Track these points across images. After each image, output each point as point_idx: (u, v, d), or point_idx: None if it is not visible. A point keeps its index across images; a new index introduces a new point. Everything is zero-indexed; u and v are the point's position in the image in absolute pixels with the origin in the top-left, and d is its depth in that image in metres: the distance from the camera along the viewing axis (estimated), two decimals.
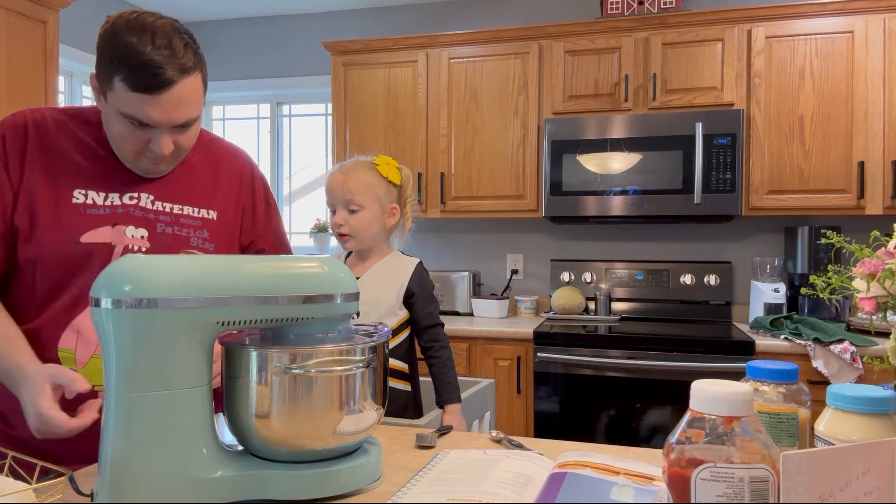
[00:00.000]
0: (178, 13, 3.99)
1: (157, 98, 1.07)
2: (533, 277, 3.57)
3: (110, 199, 1.19)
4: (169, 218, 1.23)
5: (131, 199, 1.20)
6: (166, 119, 1.10)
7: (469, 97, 3.28)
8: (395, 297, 1.67)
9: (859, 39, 2.81)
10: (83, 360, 1.14)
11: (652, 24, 3.03)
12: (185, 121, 1.13)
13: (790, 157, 2.88)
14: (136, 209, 1.20)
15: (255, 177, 1.41)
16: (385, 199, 1.69)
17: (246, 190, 1.37)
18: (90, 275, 1.13)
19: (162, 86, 1.06)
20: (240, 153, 1.41)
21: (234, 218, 1.34)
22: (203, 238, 1.27)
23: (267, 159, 4.16)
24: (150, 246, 1.20)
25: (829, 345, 2.52)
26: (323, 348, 0.87)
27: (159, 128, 1.11)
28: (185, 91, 1.10)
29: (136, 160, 1.18)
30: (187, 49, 1.09)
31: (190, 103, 1.12)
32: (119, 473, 0.81)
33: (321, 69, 3.87)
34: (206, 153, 1.33)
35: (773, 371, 0.87)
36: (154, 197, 1.23)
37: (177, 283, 0.81)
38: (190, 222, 1.26)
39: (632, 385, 2.69)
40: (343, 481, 0.88)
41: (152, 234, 1.21)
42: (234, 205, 1.34)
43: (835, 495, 0.62)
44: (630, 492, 0.86)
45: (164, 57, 1.06)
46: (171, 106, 1.09)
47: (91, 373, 1.14)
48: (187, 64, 1.09)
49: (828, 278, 0.85)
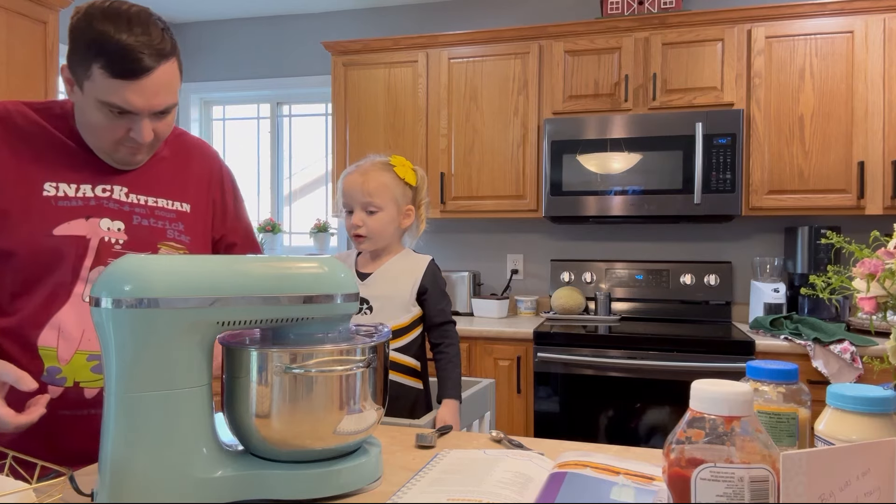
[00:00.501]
0: (178, 13, 3.99)
1: (138, 84, 1.07)
2: (533, 277, 3.57)
3: (82, 190, 1.17)
4: (144, 210, 1.22)
5: (104, 191, 1.19)
6: (147, 105, 1.10)
7: (469, 97, 3.28)
8: (409, 293, 1.67)
9: (859, 39, 2.81)
10: (66, 358, 1.12)
11: (652, 24, 3.03)
12: (166, 107, 1.13)
13: (790, 157, 2.88)
14: (110, 202, 1.19)
15: (224, 171, 1.41)
16: (402, 200, 1.70)
17: (215, 184, 1.37)
18: (66, 268, 1.13)
19: (143, 71, 1.06)
20: (207, 148, 1.41)
21: (205, 212, 1.33)
22: (179, 231, 1.26)
23: (267, 159, 4.16)
24: (127, 239, 1.18)
25: (829, 345, 2.52)
26: (323, 348, 0.87)
27: (140, 115, 1.11)
28: (164, 76, 1.09)
29: (115, 150, 1.16)
30: (164, 34, 1.09)
31: (169, 89, 1.12)
32: (119, 473, 0.81)
33: (321, 69, 3.87)
34: (175, 147, 1.32)
35: (773, 371, 0.87)
36: (128, 189, 1.22)
37: (177, 283, 0.81)
38: (165, 215, 1.25)
39: (632, 385, 2.69)
40: (343, 481, 0.88)
41: (129, 226, 1.19)
42: (205, 199, 1.34)
43: (835, 495, 0.62)
44: (630, 492, 0.86)
45: (142, 43, 1.05)
46: (151, 91, 1.09)
47: (75, 369, 1.13)
48: (165, 49, 1.09)
49: (828, 278, 0.85)
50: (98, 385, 1.15)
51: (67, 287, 1.13)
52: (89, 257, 1.14)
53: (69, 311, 1.13)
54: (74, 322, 1.13)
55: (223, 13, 4.00)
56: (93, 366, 1.14)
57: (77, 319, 1.13)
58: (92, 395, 1.14)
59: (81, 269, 1.14)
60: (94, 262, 1.15)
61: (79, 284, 1.14)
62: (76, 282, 1.13)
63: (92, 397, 1.15)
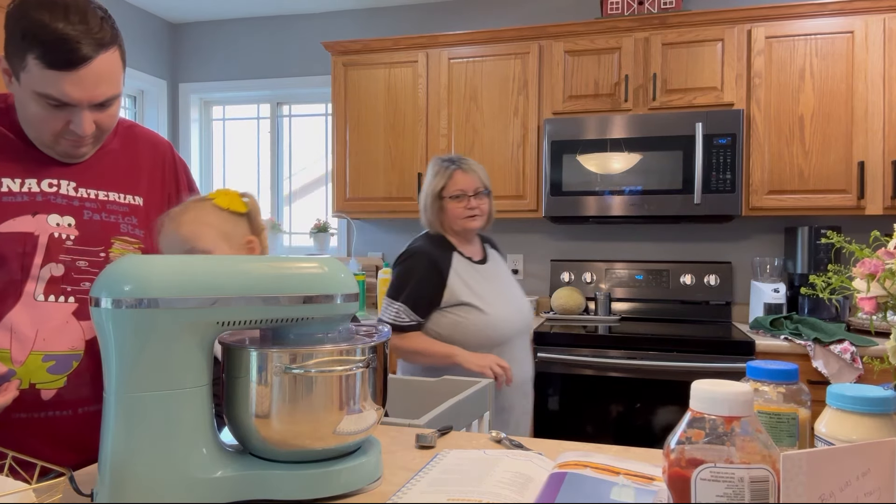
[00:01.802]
0: (178, 13, 3.99)
1: (75, 75, 1.03)
2: (533, 277, 3.56)
3: (27, 185, 1.13)
4: (95, 205, 1.19)
5: (51, 186, 1.15)
6: (86, 96, 1.06)
7: (469, 97, 3.28)
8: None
9: (859, 39, 2.81)
10: (20, 359, 1.09)
11: (652, 24, 3.03)
12: (105, 98, 1.09)
13: (790, 157, 2.88)
14: (58, 196, 1.15)
15: (178, 162, 1.37)
16: (234, 233, 1.30)
17: (169, 176, 1.34)
18: (13, 266, 1.09)
19: (79, 61, 1.03)
20: (159, 139, 1.37)
21: (160, 204, 1.29)
22: (132, 225, 1.23)
23: (267, 159, 4.16)
24: (78, 234, 1.15)
25: (829, 345, 2.52)
26: (323, 348, 0.87)
27: (79, 106, 1.07)
28: (103, 67, 1.06)
29: (55, 143, 1.13)
30: (103, 23, 1.05)
31: (109, 80, 1.08)
32: (119, 473, 0.81)
33: (321, 69, 3.87)
34: (125, 139, 1.29)
35: (773, 371, 0.87)
36: (76, 184, 1.18)
37: (177, 283, 0.81)
38: (117, 209, 1.22)
39: (632, 385, 2.69)
40: (343, 481, 0.88)
41: (80, 221, 1.16)
42: (159, 191, 1.31)
43: (835, 495, 0.62)
44: (630, 492, 0.86)
45: (79, 32, 1.02)
46: (90, 83, 1.05)
47: (30, 371, 1.09)
48: (104, 38, 1.05)
49: (828, 278, 0.85)
50: (55, 386, 1.11)
51: (18, 286, 1.09)
52: (39, 254, 1.11)
53: (21, 310, 1.09)
54: (27, 322, 1.09)
55: (223, 13, 4.00)
56: (49, 366, 1.10)
57: (30, 319, 1.10)
58: (49, 397, 1.11)
59: (32, 267, 1.10)
60: (45, 260, 1.11)
61: (30, 283, 1.10)
62: (27, 280, 1.10)
63: (49, 399, 1.11)
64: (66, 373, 1.12)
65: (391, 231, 3.79)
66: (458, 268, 2.07)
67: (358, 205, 3.46)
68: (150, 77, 3.99)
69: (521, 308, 2.13)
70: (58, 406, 1.12)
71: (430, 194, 2.11)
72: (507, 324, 2.05)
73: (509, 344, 2.05)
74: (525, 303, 2.18)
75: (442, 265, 2.05)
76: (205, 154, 4.25)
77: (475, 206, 2.09)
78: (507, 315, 2.06)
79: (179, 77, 4.17)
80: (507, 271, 2.24)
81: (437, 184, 2.10)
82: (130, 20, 3.84)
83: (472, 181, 2.09)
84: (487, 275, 2.12)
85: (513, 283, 2.21)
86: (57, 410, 1.12)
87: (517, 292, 2.18)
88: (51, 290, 1.12)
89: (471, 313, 2.01)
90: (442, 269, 2.04)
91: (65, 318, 1.12)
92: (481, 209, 2.11)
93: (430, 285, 2.02)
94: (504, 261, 2.27)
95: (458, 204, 2.08)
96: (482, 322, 2.01)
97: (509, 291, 2.14)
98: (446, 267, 2.05)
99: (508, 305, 2.09)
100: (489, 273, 2.13)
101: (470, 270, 2.09)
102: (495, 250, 2.28)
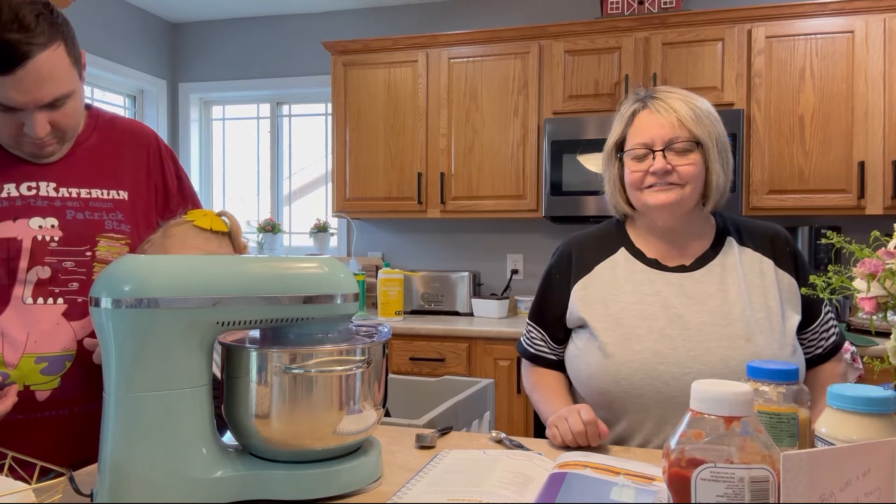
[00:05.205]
0: (178, 13, 3.99)
1: (13, 78, 1.00)
2: (533, 277, 3.56)
3: (6, 190, 1.12)
4: (78, 203, 1.17)
5: (30, 189, 1.13)
6: (30, 99, 1.03)
7: (469, 97, 3.28)
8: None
9: (859, 39, 2.81)
10: (13, 362, 1.09)
11: (652, 24, 3.03)
12: (54, 98, 1.05)
13: (790, 156, 2.88)
14: (38, 199, 1.13)
15: (163, 151, 1.33)
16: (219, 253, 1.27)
17: (155, 166, 1.31)
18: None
19: (15, 64, 0.99)
20: (143, 129, 1.34)
21: (147, 197, 1.28)
22: (118, 220, 1.21)
23: (267, 159, 4.16)
24: (62, 235, 1.13)
25: None
26: (323, 348, 0.87)
27: (27, 109, 1.04)
28: (44, 66, 1.02)
29: (18, 146, 1.11)
30: (40, 20, 1.01)
31: (54, 78, 1.04)
32: (119, 473, 0.81)
33: (321, 69, 3.87)
34: (105, 133, 1.26)
35: (773, 371, 0.87)
36: (56, 183, 1.16)
37: (177, 283, 0.81)
38: (101, 205, 1.20)
39: None
40: (343, 481, 0.88)
41: (63, 222, 1.14)
42: (144, 183, 1.28)
43: (835, 495, 0.62)
44: (630, 492, 0.86)
45: (12, 32, 0.98)
46: (31, 84, 1.01)
47: (24, 373, 1.09)
48: (40, 37, 1.00)
49: (828, 278, 0.85)
50: (50, 387, 1.11)
51: (5, 290, 1.09)
52: (24, 259, 1.10)
53: (11, 314, 1.09)
54: (18, 326, 1.09)
55: (223, 13, 4.00)
56: (43, 368, 1.10)
57: (21, 322, 1.09)
58: (44, 398, 1.11)
59: (18, 272, 1.10)
60: (31, 263, 1.11)
61: (17, 287, 1.10)
62: (14, 284, 1.10)
63: (44, 400, 1.11)
64: (59, 373, 1.12)
65: (391, 231, 3.79)
66: (604, 273, 1.35)
67: (358, 205, 3.46)
68: (150, 77, 3.99)
69: (706, 361, 1.20)
70: (53, 406, 1.12)
71: (605, 151, 1.40)
72: (645, 378, 1.23)
73: (644, 409, 1.25)
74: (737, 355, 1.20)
75: (574, 267, 1.39)
76: (204, 154, 4.25)
77: (662, 168, 1.25)
78: (655, 364, 1.22)
79: (179, 77, 4.17)
80: (760, 292, 1.28)
81: (614, 132, 1.37)
82: (130, 20, 3.84)
83: (663, 126, 1.26)
84: (681, 291, 1.28)
85: (750, 318, 1.23)
86: (53, 410, 1.12)
87: (740, 330, 1.22)
88: (39, 292, 1.11)
89: (590, 347, 1.30)
90: (570, 273, 1.38)
91: (55, 319, 1.12)
92: (681, 174, 1.24)
93: (552, 297, 1.40)
94: (773, 273, 1.33)
95: (639, 166, 1.29)
96: (597, 364, 1.28)
97: (711, 329, 1.23)
98: (583, 269, 1.37)
99: (674, 351, 1.21)
100: (692, 289, 1.28)
101: (631, 278, 1.32)
102: (754, 250, 1.37)
